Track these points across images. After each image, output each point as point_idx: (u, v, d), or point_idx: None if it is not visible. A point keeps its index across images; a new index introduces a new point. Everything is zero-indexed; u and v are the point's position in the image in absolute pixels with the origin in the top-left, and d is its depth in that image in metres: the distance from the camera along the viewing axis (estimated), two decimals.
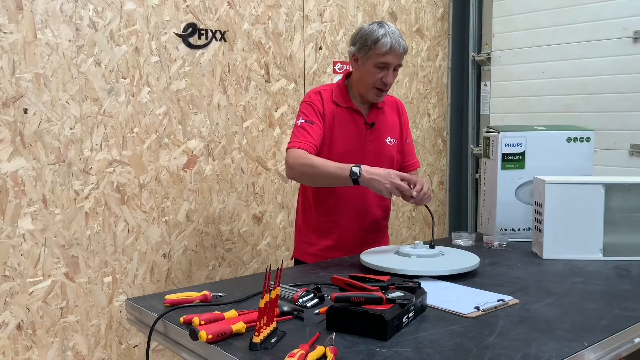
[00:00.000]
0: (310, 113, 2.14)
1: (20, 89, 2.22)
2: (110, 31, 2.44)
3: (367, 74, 2.12)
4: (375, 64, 2.09)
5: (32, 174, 2.27)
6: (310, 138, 2.09)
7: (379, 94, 2.16)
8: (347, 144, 2.16)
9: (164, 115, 2.63)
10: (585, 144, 2.42)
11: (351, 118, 2.19)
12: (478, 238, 2.42)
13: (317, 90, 2.20)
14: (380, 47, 2.06)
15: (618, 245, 2.11)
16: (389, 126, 2.27)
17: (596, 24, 3.37)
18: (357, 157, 2.14)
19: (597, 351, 1.33)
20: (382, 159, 2.22)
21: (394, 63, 2.10)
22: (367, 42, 2.08)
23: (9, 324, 2.24)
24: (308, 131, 2.10)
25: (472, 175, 4.03)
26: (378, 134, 2.23)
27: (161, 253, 2.67)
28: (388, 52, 2.06)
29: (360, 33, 2.12)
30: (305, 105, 2.17)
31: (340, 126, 2.17)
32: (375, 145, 2.21)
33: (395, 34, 2.08)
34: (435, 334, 1.37)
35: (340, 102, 2.18)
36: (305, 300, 1.58)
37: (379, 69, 2.10)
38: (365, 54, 2.10)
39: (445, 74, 4.00)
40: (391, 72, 2.12)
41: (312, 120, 2.12)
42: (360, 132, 2.19)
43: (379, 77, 2.11)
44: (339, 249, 2.22)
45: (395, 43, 2.06)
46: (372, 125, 2.21)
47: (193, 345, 1.37)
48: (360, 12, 3.42)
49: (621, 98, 3.30)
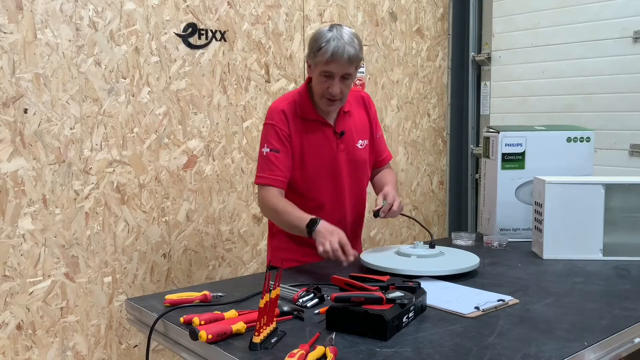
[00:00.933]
0: (274, 139, 2.02)
1: (20, 89, 2.22)
2: (110, 31, 2.44)
3: (316, 83, 1.99)
4: (320, 72, 1.95)
5: (32, 174, 2.27)
6: (277, 171, 2.01)
7: (330, 103, 2.01)
8: (319, 159, 2.07)
9: (164, 115, 2.63)
10: (585, 144, 2.42)
11: (320, 131, 2.07)
12: (478, 238, 2.42)
13: (280, 108, 2.05)
14: (321, 54, 1.91)
15: (618, 245, 2.11)
16: (358, 129, 2.16)
17: (596, 24, 3.37)
18: (331, 171, 2.09)
19: (597, 351, 1.33)
20: (356, 166, 2.15)
21: (339, 72, 1.93)
22: (313, 48, 1.95)
23: (9, 324, 2.24)
24: (274, 162, 2.00)
25: (472, 175, 4.03)
26: (349, 142, 2.12)
27: (161, 253, 2.67)
28: (330, 61, 1.90)
29: (312, 37, 1.98)
30: (269, 128, 2.04)
31: (309, 142, 2.05)
32: (347, 154, 2.11)
33: (342, 40, 1.89)
34: (435, 334, 1.37)
35: (306, 115, 2.05)
36: (305, 300, 1.58)
37: (325, 78, 1.95)
38: (312, 60, 1.97)
39: (445, 74, 4.00)
40: (337, 81, 1.94)
41: (277, 148, 2.01)
42: (330, 144, 2.08)
43: (325, 87, 1.96)
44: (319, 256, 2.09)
45: (338, 50, 1.88)
46: (342, 135, 2.10)
47: (193, 345, 1.37)
48: (360, 12, 3.42)
49: (621, 98, 3.30)
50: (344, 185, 2.13)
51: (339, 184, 2.12)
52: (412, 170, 3.83)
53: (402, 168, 3.76)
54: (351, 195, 2.16)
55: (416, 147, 3.85)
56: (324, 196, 2.10)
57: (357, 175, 2.18)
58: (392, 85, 3.65)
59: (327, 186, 2.10)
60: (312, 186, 2.09)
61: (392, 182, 2.22)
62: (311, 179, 2.08)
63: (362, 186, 2.23)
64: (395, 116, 3.68)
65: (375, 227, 3.63)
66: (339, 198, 2.12)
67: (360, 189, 2.21)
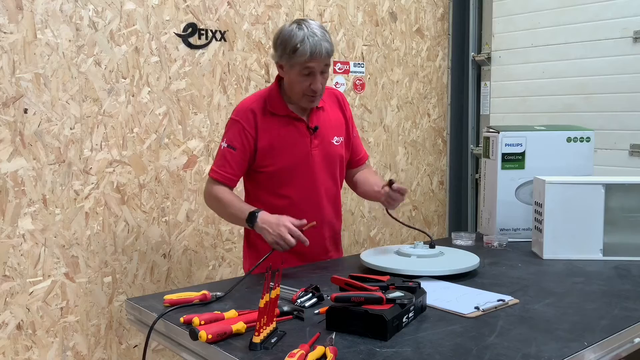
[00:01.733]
0: (234, 136, 1.99)
1: (20, 89, 2.22)
2: (110, 31, 2.44)
3: (294, 83, 1.96)
4: (299, 72, 1.93)
5: (32, 174, 2.27)
6: (229, 168, 1.99)
7: (311, 99, 1.99)
8: (291, 156, 2.02)
9: (164, 115, 2.63)
10: (585, 144, 2.42)
11: (292, 126, 2.03)
12: (478, 238, 2.42)
13: (248, 106, 2.02)
14: (299, 55, 1.88)
15: (618, 245, 2.11)
16: (333, 125, 2.12)
17: (596, 24, 3.37)
18: (304, 167, 2.04)
19: (597, 351, 1.33)
20: (331, 162, 2.11)
21: (319, 68, 1.93)
22: (286, 49, 1.91)
23: (9, 324, 2.24)
24: (228, 159, 1.99)
25: (472, 175, 4.03)
26: (323, 137, 2.07)
27: (161, 253, 2.67)
28: (309, 60, 1.89)
29: (280, 38, 1.94)
30: (233, 123, 2.01)
31: (280, 138, 2.01)
32: (322, 150, 2.07)
33: (316, 37, 1.88)
34: (435, 334, 1.37)
35: (277, 110, 2.02)
36: (304, 300, 1.58)
37: (305, 76, 1.93)
38: (287, 61, 1.93)
39: (445, 74, 4.00)
40: (318, 76, 1.94)
41: (235, 146, 1.98)
42: (304, 139, 2.04)
43: (306, 85, 1.94)
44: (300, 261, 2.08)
45: (315, 48, 1.87)
46: (316, 130, 2.05)
47: (193, 345, 1.37)
48: (360, 12, 3.42)
49: (621, 98, 3.29)
50: (319, 182, 2.08)
51: (313, 180, 2.07)
52: (412, 170, 3.83)
53: (402, 168, 3.76)
54: (327, 192, 2.11)
55: (416, 147, 3.85)
56: (299, 193, 2.05)
57: (333, 171, 2.13)
58: (392, 85, 3.65)
59: (301, 183, 2.05)
60: (286, 183, 2.04)
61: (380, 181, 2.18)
62: (284, 176, 2.04)
63: (337, 183, 2.17)
64: (395, 116, 3.68)
65: (375, 227, 3.63)
66: (314, 195, 2.06)
67: (335, 187, 2.16)
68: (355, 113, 3.38)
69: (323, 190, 2.10)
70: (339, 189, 2.20)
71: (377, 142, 3.59)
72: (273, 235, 1.83)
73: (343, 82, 3.37)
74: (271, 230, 1.84)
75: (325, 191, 2.11)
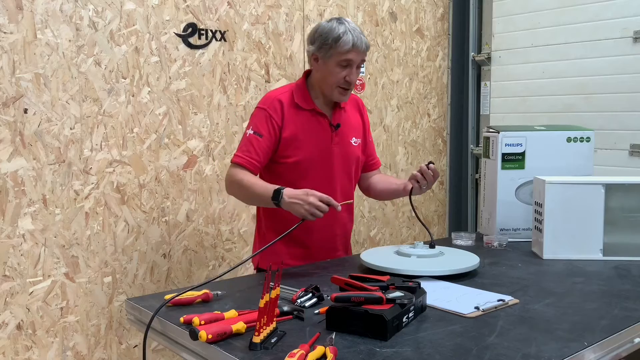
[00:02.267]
0: (261, 123, 2.03)
1: (20, 89, 2.22)
2: (110, 31, 2.44)
3: (329, 74, 2.03)
4: (337, 63, 2.00)
5: (32, 174, 2.27)
6: (254, 154, 2.01)
7: (343, 92, 2.06)
8: (313, 148, 2.08)
9: (164, 115, 2.63)
10: (585, 144, 2.42)
11: (315, 121, 2.09)
12: (478, 238, 2.42)
13: (275, 96, 2.08)
14: (342, 45, 1.97)
15: (618, 245, 2.11)
16: (353, 126, 2.19)
17: (596, 24, 3.37)
18: (324, 162, 2.09)
19: (597, 351, 1.33)
20: (349, 161, 2.16)
21: (357, 60, 2.02)
22: (327, 40, 1.99)
23: (9, 324, 2.24)
24: (254, 145, 2.01)
25: (472, 175, 4.03)
26: (343, 136, 2.14)
27: (161, 253, 2.67)
28: (350, 50, 1.98)
29: (319, 31, 2.03)
30: (260, 112, 2.06)
31: (304, 131, 2.07)
32: (341, 148, 2.13)
33: (357, 31, 2.00)
34: (435, 334, 1.37)
35: (303, 104, 2.08)
36: (304, 300, 1.58)
37: (342, 68, 2.01)
38: (326, 52, 2.01)
39: (445, 74, 4.00)
40: (354, 69, 2.03)
41: (261, 133, 2.02)
42: (325, 135, 2.10)
43: (342, 76, 2.02)
44: (309, 257, 2.12)
45: (357, 40, 1.98)
46: (338, 127, 2.12)
47: (193, 345, 1.37)
48: (360, 12, 3.42)
49: (621, 98, 3.30)
50: (335, 178, 2.12)
51: (330, 176, 2.11)
52: (412, 170, 3.81)
53: (402, 168, 3.76)
54: (342, 190, 2.14)
55: (416, 147, 3.85)
56: (315, 188, 2.03)
57: (349, 171, 2.18)
58: (392, 85, 3.65)
59: (319, 177, 2.08)
60: (304, 176, 2.06)
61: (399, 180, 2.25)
62: (303, 168, 2.07)
63: (352, 182, 2.21)
64: (395, 116, 3.68)
65: (375, 227, 3.63)
66: (329, 191, 2.05)
67: (350, 186, 2.20)
68: None
69: (339, 187, 2.13)
70: (353, 189, 2.24)
71: (377, 142, 3.59)
72: (304, 205, 1.84)
73: None
74: (301, 201, 1.84)
75: (340, 188, 2.14)
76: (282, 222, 2.03)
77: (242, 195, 2.05)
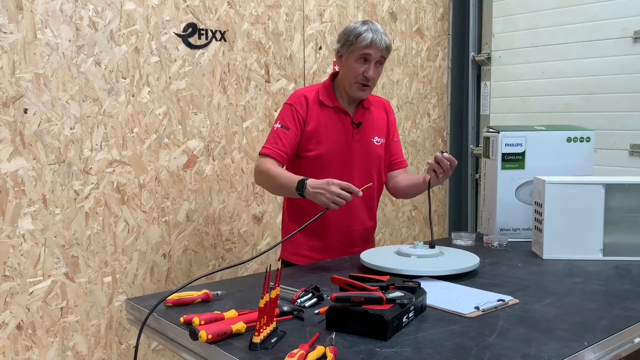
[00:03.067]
0: (288, 117, 2.15)
1: (20, 89, 2.22)
2: (110, 31, 2.44)
3: (349, 69, 2.13)
4: (356, 58, 2.11)
5: (32, 174, 2.27)
6: (281, 145, 2.11)
7: (362, 88, 2.15)
8: (333, 144, 2.16)
9: (164, 115, 2.63)
10: (585, 144, 2.42)
11: (338, 118, 2.19)
12: (478, 238, 2.42)
13: (302, 92, 2.20)
14: (361, 40, 2.08)
15: (618, 245, 2.11)
16: (376, 125, 2.27)
17: (596, 24, 3.37)
18: (343, 157, 2.16)
19: (597, 351, 1.33)
20: (369, 159, 2.23)
21: (376, 56, 2.11)
22: (349, 37, 2.11)
23: (9, 324, 2.24)
24: (281, 137, 2.12)
25: (472, 175, 4.03)
26: (365, 134, 2.22)
27: (161, 253, 2.67)
28: (369, 45, 2.08)
29: (345, 30, 2.16)
30: (287, 107, 2.18)
31: (326, 127, 2.17)
32: (362, 145, 2.21)
33: (379, 31, 2.10)
34: (435, 334, 1.37)
35: (327, 101, 2.18)
36: (304, 300, 1.58)
37: (361, 63, 2.11)
38: (347, 49, 2.12)
39: (445, 74, 4.00)
40: (372, 65, 2.12)
41: (288, 126, 2.13)
42: (347, 132, 2.19)
43: (360, 71, 2.11)
44: (326, 250, 2.20)
45: (376, 37, 2.08)
46: (359, 125, 2.21)
47: (193, 345, 1.37)
48: (360, 12, 3.42)
49: (621, 98, 3.30)
50: (354, 175, 2.17)
51: (349, 172, 2.17)
52: (412, 170, 3.83)
53: None
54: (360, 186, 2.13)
55: (416, 147, 3.85)
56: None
57: (369, 168, 2.23)
58: (392, 85, 3.65)
59: (337, 171, 2.13)
60: (323, 170, 2.12)
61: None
62: (323, 162, 2.15)
63: (372, 180, 2.23)
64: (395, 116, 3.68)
65: None
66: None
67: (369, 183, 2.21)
68: None
69: (357, 183, 2.12)
70: (375, 189, 2.28)
71: None
72: (327, 194, 1.89)
73: None
74: (323, 190, 1.90)
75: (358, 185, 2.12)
76: (301, 214, 2.17)
77: (269, 185, 2.13)
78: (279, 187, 2.08)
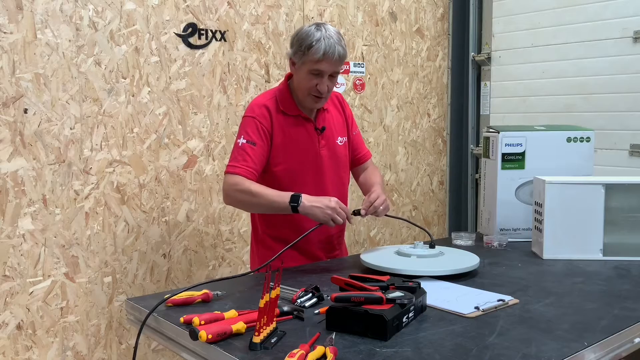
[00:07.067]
0: (253, 131, 2.00)
1: (20, 89, 2.22)
2: (110, 31, 2.44)
3: (302, 80, 2.01)
4: (308, 71, 1.98)
5: (32, 174, 2.27)
6: (250, 162, 1.97)
7: (316, 100, 2.04)
8: (302, 154, 2.07)
9: (164, 115, 2.63)
10: (585, 144, 2.42)
11: (302, 126, 2.08)
12: (478, 238, 2.42)
13: (261, 103, 2.05)
14: (313, 53, 1.93)
15: (618, 245, 2.11)
16: (336, 125, 2.18)
17: (596, 24, 3.37)
18: (313, 167, 2.09)
19: (597, 351, 1.33)
20: (337, 163, 2.16)
21: (328, 70, 1.97)
22: (301, 46, 1.97)
23: (9, 324, 2.24)
24: (249, 153, 1.98)
25: (472, 175, 4.03)
26: (329, 138, 2.14)
27: (161, 253, 2.67)
28: (321, 59, 1.94)
29: (298, 35, 2.01)
30: (249, 120, 2.02)
31: (291, 137, 2.06)
32: (329, 150, 2.13)
33: (332, 39, 1.94)
34: (435, 334, 1.37)
35: (288, 110, 2.06)
36: (304, 300, 1.58)
37: (313, 76, 1.98)
38: (300, 59, 1.99)
39: (445, 74, 4.00)
40: (325, 79, 1.98)
41: (254, 141, 1.99)
42: (312, 139, 2.09)
43: (313, 84, 1.99)
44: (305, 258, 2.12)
45: (329, 49, 1.93)
46: (323, 130, 2.11)
47: (193, 345, 1.37)
48: (360, 12, 3.42)
49: (621, 98, 3.30)
50: (326, 181, 2.12)
51: (321, 179, 2.11)
52: (412, 170, 3.83)
53: (402, 168, 3.76)
54: (335, 193, 2.12)
55: (416, 147, 3.85)
56: (307, 192, 2.04)
57: (339, 171, 2.19)
58: (392, 85, 3.65)
59: (310, 181, 2.08)
60: (295, 181, 2.06)
61: (378, 181, 2.22)
62: (294, 174, 2.07)
63: (344, 183, 2.22)
64: (395, 116, 3.68)
65: (375, 227, 3.63)
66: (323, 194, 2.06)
67: (342, 186, 2.20)
68: (356, 113, 3.38)
69: (331, 190, 2.13)
70: (346, 188, 2.24)
71: (377, 142, 3.59)
72: (326, 210, 1.88)
73: (343, 82, 3.37)
74: (323, 205, 1.89)
75: (333, 192, 2.13)
76: (277, 228, 2.09)
77: (249, 204, 2.01)
78: (264, 206, 1.97)
